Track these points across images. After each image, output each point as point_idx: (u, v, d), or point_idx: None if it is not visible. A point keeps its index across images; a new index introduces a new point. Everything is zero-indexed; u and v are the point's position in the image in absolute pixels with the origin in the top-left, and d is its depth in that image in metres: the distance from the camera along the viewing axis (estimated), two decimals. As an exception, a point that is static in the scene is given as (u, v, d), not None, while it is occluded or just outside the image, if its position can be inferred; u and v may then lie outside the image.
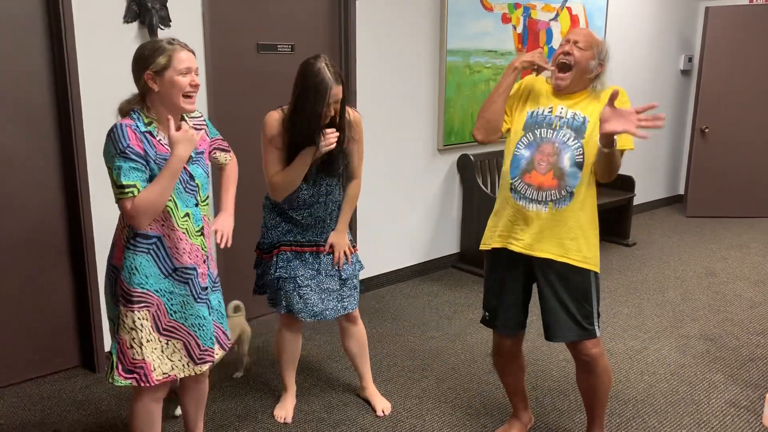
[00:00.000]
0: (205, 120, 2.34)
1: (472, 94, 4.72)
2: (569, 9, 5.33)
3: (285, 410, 2.93)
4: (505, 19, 4.84)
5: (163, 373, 2.17)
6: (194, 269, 2.18)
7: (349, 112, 2.67)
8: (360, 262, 2.85)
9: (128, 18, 3.09)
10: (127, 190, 1.99)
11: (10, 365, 3.14)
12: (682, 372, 3.38)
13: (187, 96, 2.07)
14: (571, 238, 2.36)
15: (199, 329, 2.21)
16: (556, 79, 2.36)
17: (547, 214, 2.34)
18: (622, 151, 2.31)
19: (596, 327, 2.44)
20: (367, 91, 4.14)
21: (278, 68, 3.75)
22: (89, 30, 3.00)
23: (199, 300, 2.21)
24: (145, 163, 2.02)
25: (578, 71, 2.33)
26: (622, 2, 5.93)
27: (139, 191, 1.99)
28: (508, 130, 2.47)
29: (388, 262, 4.54)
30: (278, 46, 3.74)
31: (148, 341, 2.13)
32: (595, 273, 2.42)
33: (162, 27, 3.18)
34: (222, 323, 2.36)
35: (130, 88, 2.13)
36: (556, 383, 3.24)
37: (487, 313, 2.60)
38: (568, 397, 3.11)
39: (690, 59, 6.84)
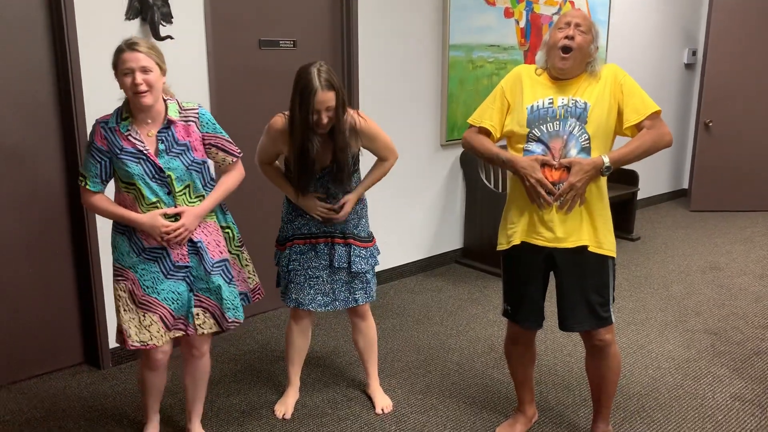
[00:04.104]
0: (199, 113, 2.37)
1: (474, 89, 4.71)
2: (572, 3, 5.31)
3: (285, 405, 2.93)
4: (508, 13, 4.83)
5: (140, 341, 2.36)
6: (164, 249, 2.34)
7: (356, 119, 2.60)
8: (374, 257, 2.81)
9: (130, 15, 3.08)
10: (80, 178, 2.34)
11: (15, 362, 3.15)
12: (687, 366, 3.37)
13: (136, 93, 2.20)
14: (592, 225, 2.37)
15: (172, 303, 2.38)
16: (561, 61, 2.32)
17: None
18: (635, 127, 2.33)
19: (611, 313, 2.45)
20: (370, 87, 4.14)
21: (280, 64, 3.75)
22: (91, 27, 2.99)
23: (170, 276, 2.37)
24: (106, 159, 2.29)
25: (580, 55, 2.31)
26: (625, -4, 5.92)
27: (87, 183, 2.31)
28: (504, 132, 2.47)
29: (392, 258, 4.54)
30: (280, 42, 3.73)
31: (125, 311, 2.36)
32: (613, 258, 2.43)
33: (164, 24, 3.17)
34: (221, 304, 2.43)
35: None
36: (560, 378, 3.24)
37: (509, 307, 2.58)
38: (572, 392, 3.11)
39: (694, 53, 6.81)
